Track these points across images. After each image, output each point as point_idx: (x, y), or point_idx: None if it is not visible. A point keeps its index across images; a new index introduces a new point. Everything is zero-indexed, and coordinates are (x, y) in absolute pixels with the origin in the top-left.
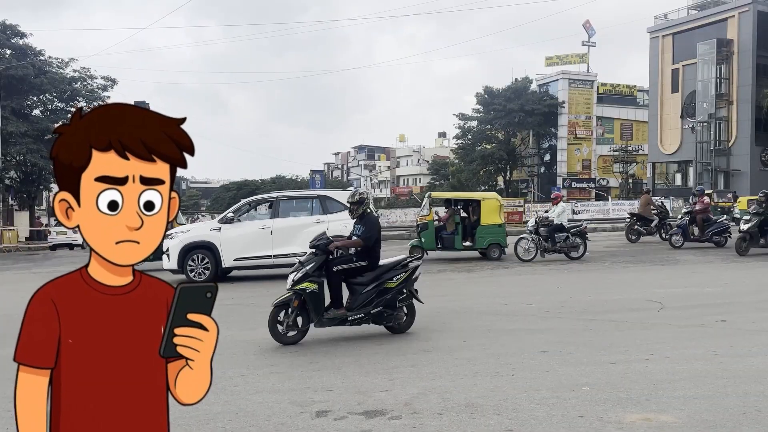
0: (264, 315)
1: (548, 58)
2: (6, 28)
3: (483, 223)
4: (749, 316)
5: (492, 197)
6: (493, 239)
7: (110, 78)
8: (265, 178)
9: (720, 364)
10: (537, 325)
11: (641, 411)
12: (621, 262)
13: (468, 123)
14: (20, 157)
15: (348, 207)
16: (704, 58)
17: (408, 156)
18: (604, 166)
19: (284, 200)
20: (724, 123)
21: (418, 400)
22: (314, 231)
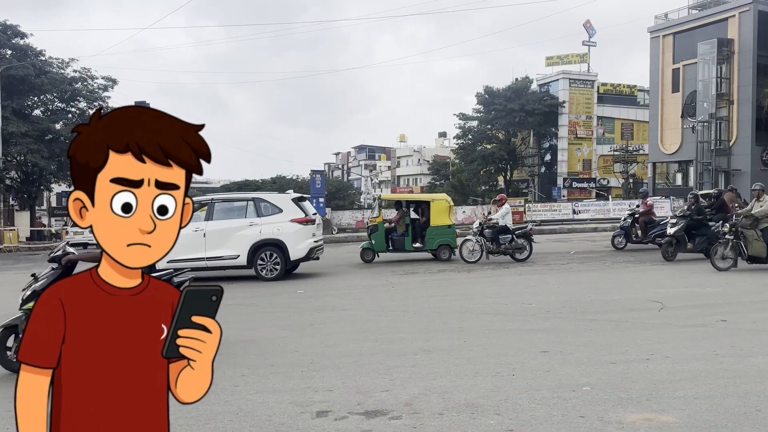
0: (263, 315)
1: (548, 58)
2: (6, 28)
3: (432, 225)
4: (750, 316)
5: (441, 199)
6: (442, 240)
7: (111, 78)
8: (266, 178)
9: (721, 364)
10: (537, 325)
11: (642, 411)
12: (621, 262)
13: (468, 123)
14: (21, 158)
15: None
16: (705, 57)
17: (408, 156)
18: (605, 166)
19: (219, 202)
20: (724, 123)
21: (418, 400)
22: (247, 234)
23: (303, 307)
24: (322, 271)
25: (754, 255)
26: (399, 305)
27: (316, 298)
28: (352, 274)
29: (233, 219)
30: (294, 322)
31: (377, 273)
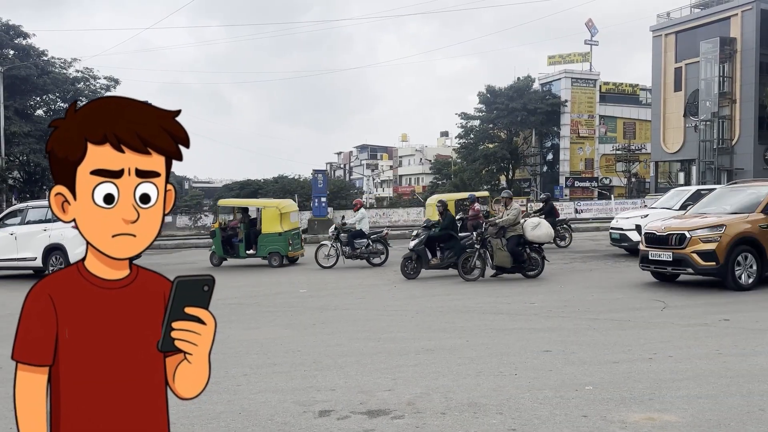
0: (265, 315)
1: (551, 57)
2: (9, 28)
3: (264, 232)
4: (753, 315)
5: (271, 205)
6: (272, 248)
7: (113, 78)
8: (268, 178)
9: (724, 364)
10: (540, 324)
11: (645, 410)
12: (624, 261)
13: (470, 122)
14: (23, 158)
15: None
16: (707, 56)
17: (410, 155)
18: (607, 165)
19: (32, 209)
20: (727, 122)
21: (420, 399)
22: (41, 237)
23: (305, 307)
24: (324, 270)
25: (498, 265)
26: (401, 304)
27: (319, 298)
28: (355, 273)
29: (36, 224)
30: (296, 321)
31: (379, 272)
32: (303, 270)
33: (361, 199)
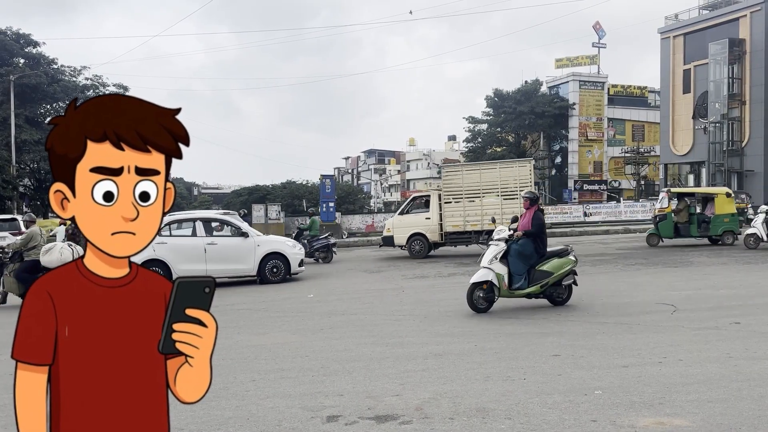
0: (273, 320)
1: (558, 60)
2: (19, 37)
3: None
4: (764, 318)
5: None
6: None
7: (122, 85)
8: (276, 183)
9: (734, 367)
10: (548, 328)
11: (655, 415)
12: (633, 264)
13: (478, 126)
14: (34, 165)
15: None
16: (716, 58)
17: (418, 160)
18: (616, 168)
19: None
20: (736, 123)
21: (429, 404)
22: None
23: (313, 312)
24: (332, 275)
25: None
26: (409, 309)
27: (326, 303)
28: (363, 278)
29: None
30: (304, 326)
31: (387, 277)
32: (310, 275)
33: None
